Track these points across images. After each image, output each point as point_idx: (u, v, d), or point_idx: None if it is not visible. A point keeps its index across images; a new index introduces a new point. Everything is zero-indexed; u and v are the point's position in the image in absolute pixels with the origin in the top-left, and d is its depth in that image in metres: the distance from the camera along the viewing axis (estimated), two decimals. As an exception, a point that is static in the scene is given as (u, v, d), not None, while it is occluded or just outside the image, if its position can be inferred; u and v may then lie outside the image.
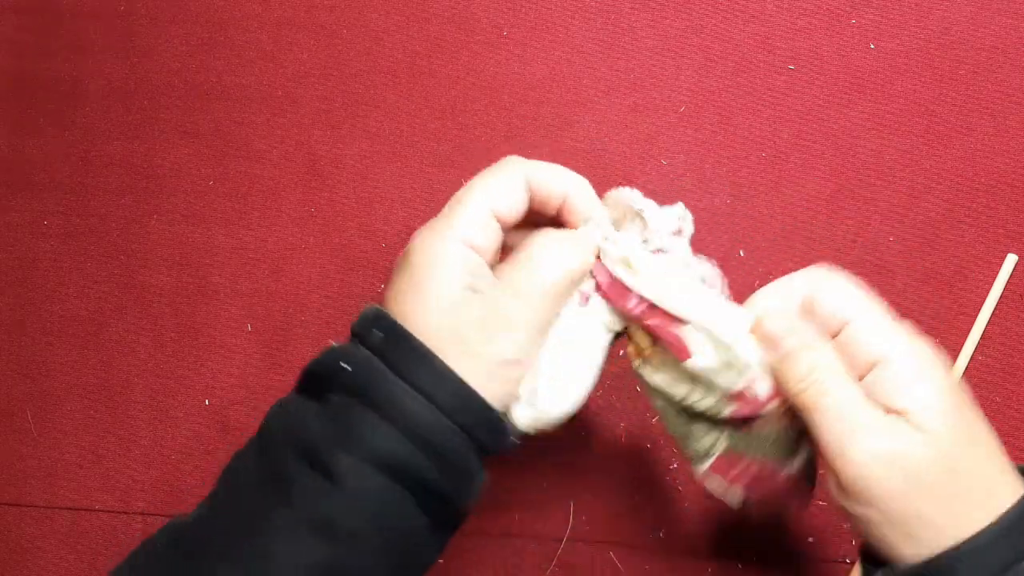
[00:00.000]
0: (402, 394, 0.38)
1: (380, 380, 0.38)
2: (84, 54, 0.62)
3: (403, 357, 0.39)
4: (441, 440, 0.38)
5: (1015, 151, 0.56)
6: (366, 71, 0.60)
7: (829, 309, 0.39)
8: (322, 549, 0.37)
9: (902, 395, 0.37)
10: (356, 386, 0.39)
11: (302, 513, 0.37)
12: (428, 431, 0.38)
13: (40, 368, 0.60)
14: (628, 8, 0.59)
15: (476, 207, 0.41)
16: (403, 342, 0.39)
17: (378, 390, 0.38)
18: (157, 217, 0.60)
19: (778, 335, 0.40)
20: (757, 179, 0.57)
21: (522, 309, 0.40)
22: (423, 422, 0.38)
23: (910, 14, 0.57)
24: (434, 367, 0.38)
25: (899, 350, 0.38)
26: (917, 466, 0.36)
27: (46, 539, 0.58)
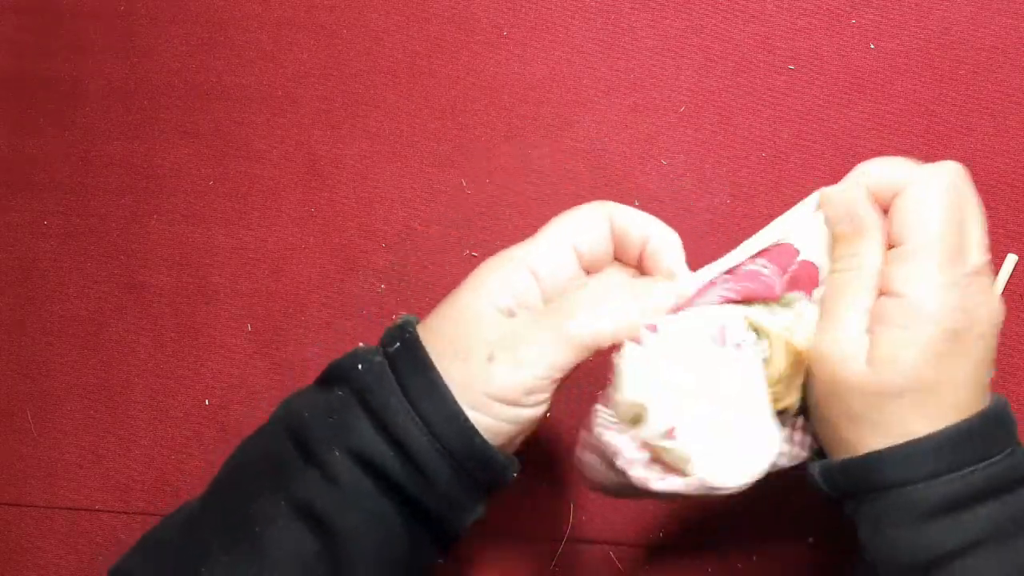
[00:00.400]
0: (401, 412, 0.38)
1: (383, 389, 0.38)
2: (84, 54, 0.62)
3: (411, 372, 0.39)
4: (427, 462, 0.38)
5: (1015, 151, 0.56)
6: (366, 71, 0.60)
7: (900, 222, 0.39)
8: (313, 540, 0.38)
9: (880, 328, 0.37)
10: (360, 390, 0.39)
11: (301, 506, 0.38)
12: (420, 454, 0.38)
13: (40, 368, 0.60)
14: (628, 8, 0.59)
15: (551, 237, 0.41)
16: (415, 357, 0.39)
17: (378, 400, 0.38)
18: (157, 217, 0.60)
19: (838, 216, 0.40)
20: (757, 179, 0.57)
21: (540, 341, 0.38)
22: (416, 445, 0.38)
23: (910, 14, 0.57)
24: (436, 388, 0.38)
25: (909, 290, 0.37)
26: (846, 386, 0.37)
27: (46, 539, 0.58)
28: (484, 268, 0.41)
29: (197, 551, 0.39)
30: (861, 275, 0.39)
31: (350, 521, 0.38)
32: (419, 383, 0.38)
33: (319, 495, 0.38)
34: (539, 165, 0.58)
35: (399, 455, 0.38)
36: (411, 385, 0.38)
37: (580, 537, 0.54)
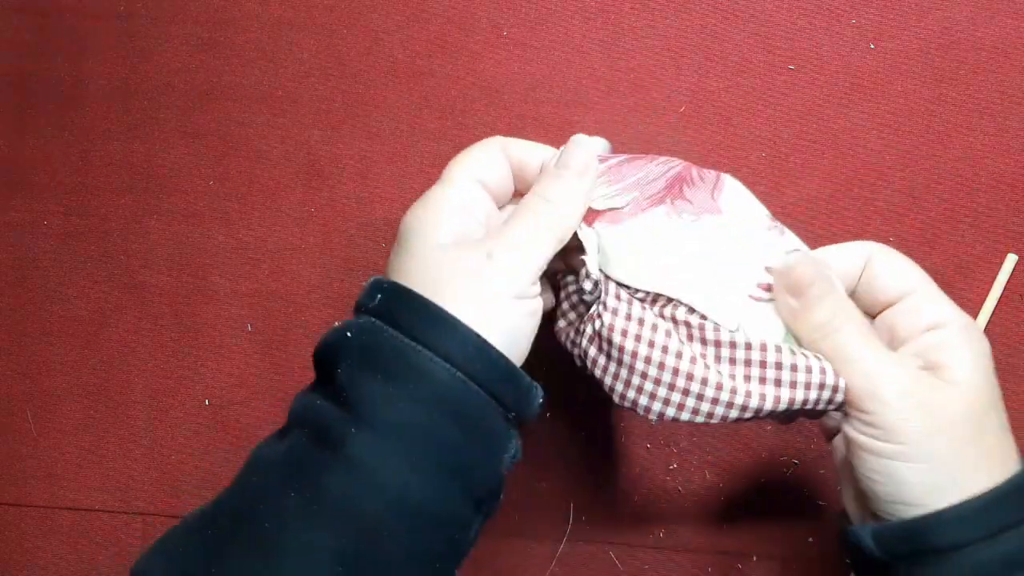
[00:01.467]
0: (411, 353, 0.35)
1: (384, 342, 0.36)
2: (84, 54, 0.62)
3: (405, 312, 0.36)
4: (457, 397, 0.36)
5: (1015, 151, 0.56)
6: (366, 71, 0.60)
7: (890, 279, 0.41)
8: (338, 534, 0.34)
9: (948, 353, 0.39)
10: (360, 354, 0.36)
11: (316, 498, 0.35)
12: (443, 389, 0.35)
13: (40, 368, 0.60)
14: (628, 8, 0.59)
15: (462, 176, 0.41)
16: (402, 297, 0.37)
17: (382, 353, 0.36)
18: (157, 217, 0.60)
19: (804, 281, 0.40)
20: (757, 179, 0.57)
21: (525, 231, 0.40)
22: (437, 381, 0.35)
23: (910, 14, 0.57)
24: (441, 318, 0.36)
25: (951, 318, 0.40)
26: (949, 412, 0.37)
27: (46, 539, 0.58)
28: (414, 212, 0.41)
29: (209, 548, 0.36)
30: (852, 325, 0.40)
31: (376, 504, 0.35)
32: (416, 318, 0.36)
33: (337, 484, 0.35)
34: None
35: (424, 404, 0.35)
36: (410, 323, 0.36)
37: (580, 537, 0.54)
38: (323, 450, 0.35)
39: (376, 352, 0.36)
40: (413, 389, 0.35)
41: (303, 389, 0.40)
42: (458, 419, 0.36)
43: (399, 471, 0.35)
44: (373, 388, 0.35)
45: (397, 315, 0.36)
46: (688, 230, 0.43)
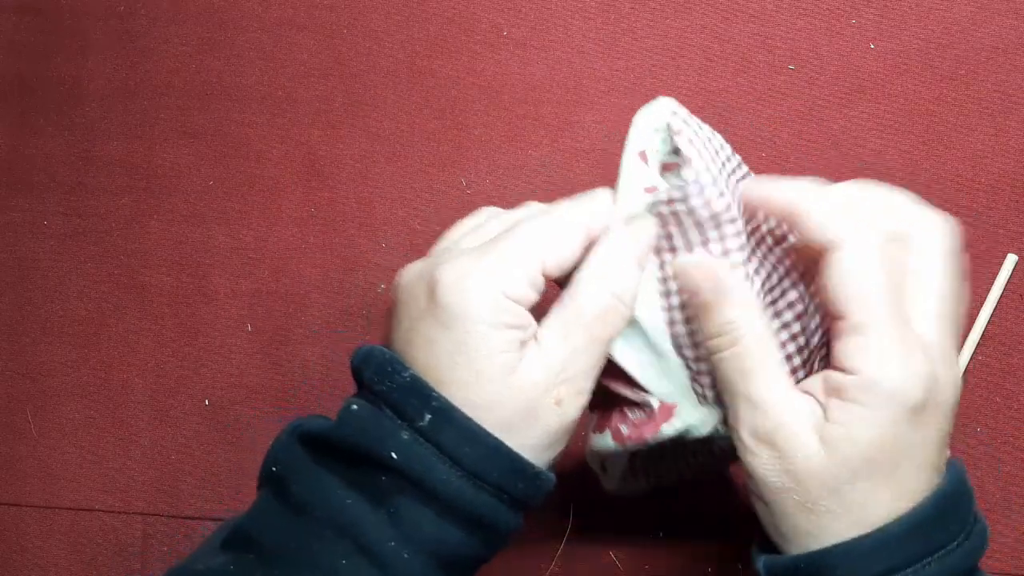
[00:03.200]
0: (458, 483, 0.35)
1: (435, 470, 0.35)
2: (84, 54, 0.62)
3: (456, 440, 0.35)
4: (493, 517, 0.36)
5: (1015, 151, 0.56)
6: (366, 71, 0.60)
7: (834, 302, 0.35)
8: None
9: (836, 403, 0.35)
10: (407, 475, 0.35)
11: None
12: (483, 513, 0.36)
13: (40, 368, 0.60)
14: (628, 8, 0.59)
15: (523, 259, 0.37)
16: (454, 423, 0.36)
17: (432, 480, 0.35)
18: (157, 217, 0.60)
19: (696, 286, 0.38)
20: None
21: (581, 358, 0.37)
22: (479, 506, 0.36)
23: (910, 14, 0.57)
24: (486, 444, 0.36)
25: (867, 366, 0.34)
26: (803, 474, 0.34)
27: (46, 539, 0.58)
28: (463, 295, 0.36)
29: None
30: (756, 346, 0.36)
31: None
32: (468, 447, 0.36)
33: None
34: (539, 165, 0.58)
35: (473, 532, 0.36)
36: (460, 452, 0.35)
37: (580, 537, 0.54)
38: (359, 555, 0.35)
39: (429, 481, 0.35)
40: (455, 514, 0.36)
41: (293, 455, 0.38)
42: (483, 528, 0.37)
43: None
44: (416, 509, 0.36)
45: (445, 440, 0.35)
46: None
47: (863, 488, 0.34)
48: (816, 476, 0.34)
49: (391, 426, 0.36)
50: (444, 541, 0.36)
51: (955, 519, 0.35)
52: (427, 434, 0.35)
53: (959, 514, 0.35)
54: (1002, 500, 0.53)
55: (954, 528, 0.35)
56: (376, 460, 0.36)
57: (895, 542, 0.34)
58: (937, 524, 0.35)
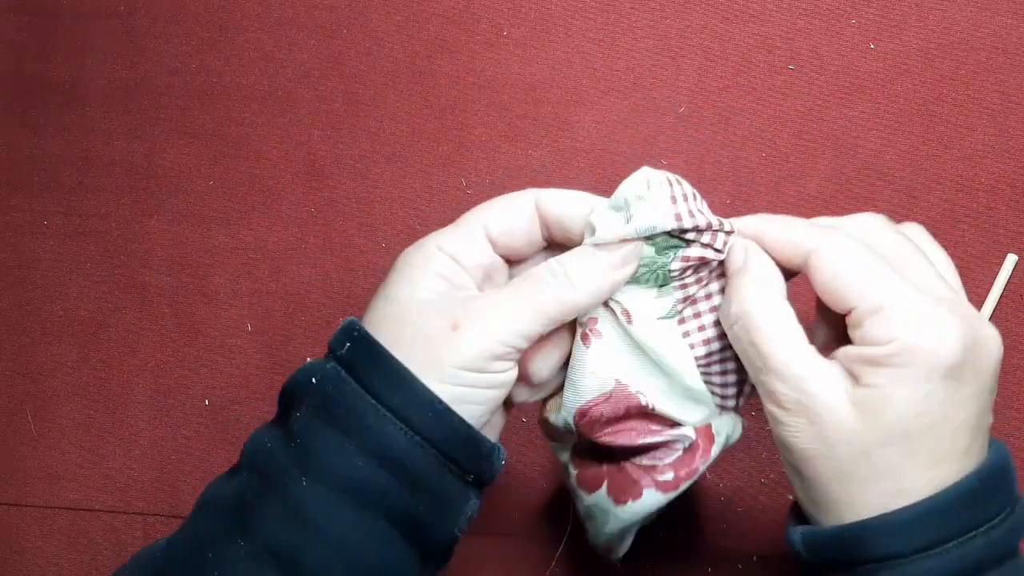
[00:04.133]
0: (370, 412, 0.35)
1: (346, 395, 0.35)
2: (84, 54, 0.62)
3: (371, 368, 0.36)
4: (413, 461, 0.35)
5: (1015, 151, 0.56)
6: (366, 71, 0.60)
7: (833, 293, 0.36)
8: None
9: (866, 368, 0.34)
10: (321, 402, 0.36)
11: (263, 547, 0.35)
12: (399, 452, 0.35)
13: (40, 368, 0.60)
14: (628, 8, 0.59)
15: (467, 224, 0.39)
16: (371, 351, 0.36)
17: (342, 406, 0.35)
18: (157, 217, 0.60)
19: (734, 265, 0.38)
20: (757, 179, 0.57)
21: (510, 309, 0.37)
22: (393, 443, 0.35)
23: (910, 14, 0.57)
24: (405, 380, 0.35)
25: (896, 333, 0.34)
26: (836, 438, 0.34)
27: (46, 539, 0.58)
28: (403, 257, 0.39)
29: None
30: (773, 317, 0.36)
31: (321, 557, 0.35)
32: (381, 376, 0.36)
33: (284, 533, 0.35)
34: (539, 165, 0.58)
35: (379, 463, 0.35)
36: (373, 380, 0.35)
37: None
38: (271, 498, 0.35)
39: (336, 405, 0.35)
40: (368, 448, 0.35)
41: (262, 425, 0.39)
42: (410, 481, 0.36)
43: (344, 525, 0.35)
44: (328, 440, 0.35)
45: (362, 369, 0.36)
46: None
47: (896, 453, 0.34)
48: (848, 441, 0.34)
49: (322, 362, 0.37)
50: (344, 466, 0.35)
51: (1000, 493, 0.35)
52: (344, 361, 0.36)
53: (1003, 488, 0.35)
54: (1002, 500, 0.53)
55: (1000, 501, 0.34)
56: (302, 394, 0.36)
57: (940, 513, 0.33)
58: (983, 497, 0.34)
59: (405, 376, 0.36)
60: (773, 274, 0.38)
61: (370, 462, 0.35)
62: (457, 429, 0.36)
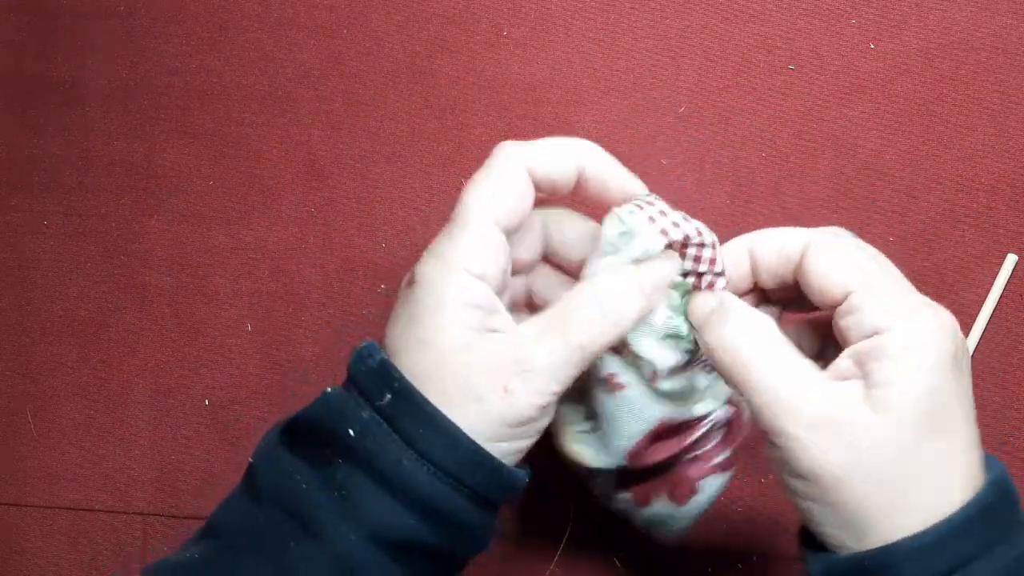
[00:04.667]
0: (411, 465, 0.35)
1: (388, 450, 0.35)
2: (84, 54, 0.62)
3: (413, 422, 0.35)
4: (449, 507, 0.36)
5: (1015, 151, 0.56)
6: (366, 71, 0.60)
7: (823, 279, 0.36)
8: None
9: (884, 367, 0.33)
10: (364, 456, 0.35)
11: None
12: (436, 500, 0.35)
13: (40, 368, 0.60)
14: (628, 8, 0.59)
15: (478, 223, 0.37)
16: (418, 408, 0.36)
17: (384, 460, 0.35)
18: (157, 217, 0.60)
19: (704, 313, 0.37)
20: (757, 179, 0.57)
21: (550, 359, 0.36)
22: (432, 493, 0.35)
23: (910, 14, 0.57)
24: (458, 441, 0.35)
25: (893, 321, 0.34)
26: (867, 443, 0.33)
27: (46, 539, 0.58)
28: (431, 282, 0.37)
29: None
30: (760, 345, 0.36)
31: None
32: (431, 434, 0.35)
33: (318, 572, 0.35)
34: (539, 165, 0.58)
35: (424, 516, 0.35)
36: (422, 439, 0.35)
37: (580, 538, 0.54)
38: (311, 544, 0.35)
39: (381, 460, 0.35)
40: (415, 504, 0.35)
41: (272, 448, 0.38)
42: (455, 528, 0.36)
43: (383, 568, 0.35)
44: (373, 495, 0.35)
45: (407, 424, 0.36)
46: None
47: (928, 447, 0.33)
48: (879, 444, 0.33)
49: (354, 406, 0.36)
50: (393, 525, 0.35)
51: (1012, 498, 0.34)
52: (385, 413, 0.36)
53: (1012, 494, 0.34)
54: (1002, 500, 0.53)
55: (1015, 508, 0.34)
56: (337, 440, 0.36)
57: (966, 528, 0.32)
58: (1001, 506, 0.33)
59: (458, 437, 0.36)
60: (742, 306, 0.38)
61: (410, 513, 0.35)
62: (505, 480, 0.37)
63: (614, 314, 0.37)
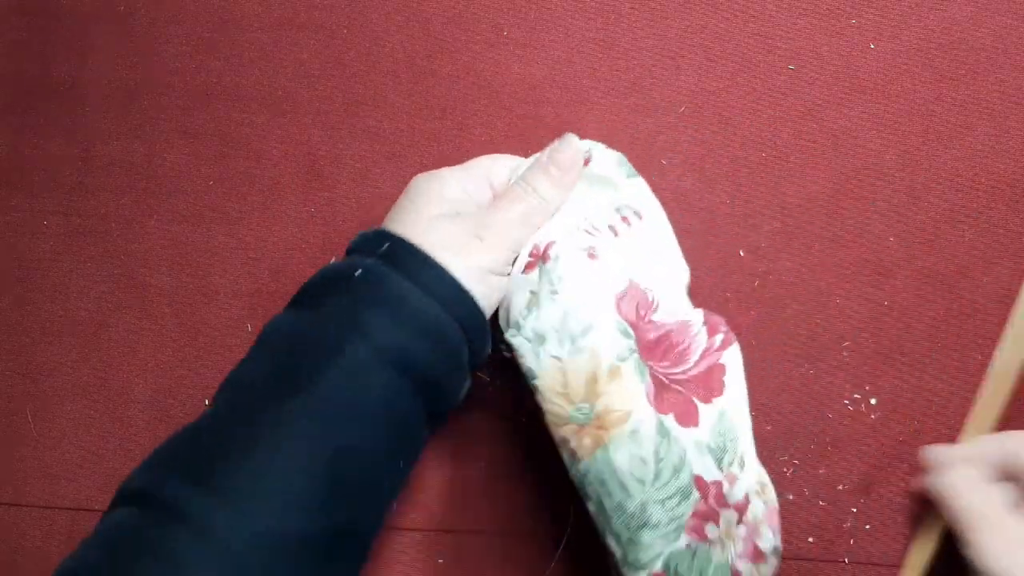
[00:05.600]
0: (409, 292, 0.43)
1: (390, 281, 0.43)
2: (84, 54, 0.62)
3: (408, 261, 0.44)
4: (440, 329, 0.43)
5: (1015, 151, 0.56)
6: (366, 71, 0.60)
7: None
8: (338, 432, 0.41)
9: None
10: (364, 288, 0.43)
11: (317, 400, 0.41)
12: (431, 322, 0.43)
13: (40, 368, 0.60)
14: (628, 8, 0.59)
15: (477, 168, 0.50)
16: (407, 250, 0.45)
17: (387, 289, 0.43)
18: (157, 217, 0.60)
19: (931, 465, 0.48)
20: (757, 179, 0.57)
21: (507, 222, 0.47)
22: (427, 315, 0.43)
23: (910, 14, 0.57)
24: (435, 269, 0.44)
25: None
26: None
27: (46, 539, 0.58)
28: (423, 182, 0.49)
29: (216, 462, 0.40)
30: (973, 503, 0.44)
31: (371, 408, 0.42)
32: (422, 268, 0.44)
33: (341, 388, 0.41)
34: (539, 165, 0.58)
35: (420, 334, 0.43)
36: (414, 271, 0.44)
37: (580, 538, 0.54)
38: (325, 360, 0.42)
39: (386, 291, 0.43)
40: (411, 322, 0.43)
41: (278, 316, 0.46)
42: (442, 350, 0.44)
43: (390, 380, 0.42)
44: (374, 313, 0.43)
45: (402, 262, 0.44)
46: None
47: None
48: None
49: (357, 258, 0.45)
50: (397, 342, 0.42)
51: None
52: (385, 256, 0.45)
53: None
54: (1002, 500, 0.53)
55: None
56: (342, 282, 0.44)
57: None
58: None
59: (437, 266, 0.44)
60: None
61: (411, 332, 0.43)
62: (474, 310, 0.45)
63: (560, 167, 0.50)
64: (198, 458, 0.40)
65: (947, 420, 0.53)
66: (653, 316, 0.48)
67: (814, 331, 0.55)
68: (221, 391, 0.44)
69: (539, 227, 0.49)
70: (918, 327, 0.54)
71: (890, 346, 0.54)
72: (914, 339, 0.54)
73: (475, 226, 0.47)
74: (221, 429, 0.41)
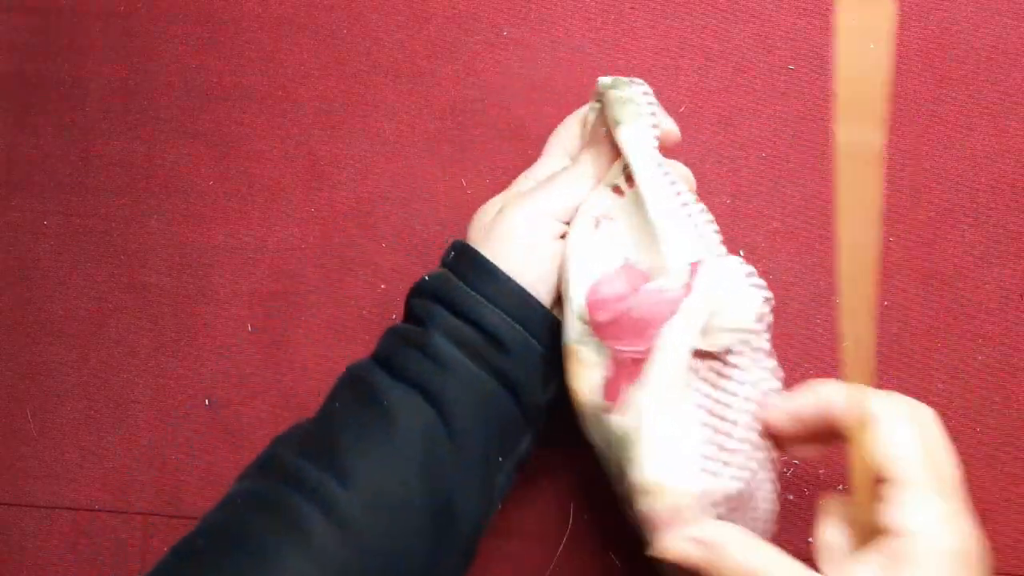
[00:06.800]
0: (471, 300, 0.44)
1: (450, 288, 0.45)
2: (84, 54, 0.62)
3: (470, 271, 0.45)
4: (506, 336, 0.44)
5: (1015, 152, 0.56)
6: (366, 71, 0.60)
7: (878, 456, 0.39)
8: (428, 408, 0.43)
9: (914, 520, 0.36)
10: (431, 293, 0.46)
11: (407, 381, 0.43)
12: (494, 328, 0.44)
13: (40, 368, 0.60)
14: (628, 8, 0.59)
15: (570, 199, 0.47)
16: (469, 259, 0.46)
17: (448, 295, 0.45)
18: (157, 217, 0.60)
19: None
20: (757, 179, 0.57)
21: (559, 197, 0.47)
22: (489, 322, 0.44)
23: (910, 15, 0.57)
24: (498, 278, 0.45)
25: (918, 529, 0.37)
26: None
27: (46, 539, 0.58)
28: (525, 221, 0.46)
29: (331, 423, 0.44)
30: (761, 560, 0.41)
31: (453, 390, 0.43)
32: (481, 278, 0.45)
33: (424, 371, 0.43)
34: (539, 165, 0.58)
35: (483, 335, 0.44)
36: (474, 281, 0.45)
37: (580, 538, 0.54)
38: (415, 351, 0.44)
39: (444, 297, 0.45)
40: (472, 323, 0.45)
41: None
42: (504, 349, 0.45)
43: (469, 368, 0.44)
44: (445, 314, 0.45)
45: (463, 273, 0.46)
46: None
47: None
48: None
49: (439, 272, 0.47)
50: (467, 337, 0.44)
51: None
52: (450, 266, 0.46)
53: None
54: (1002, 500, 0.53)
55: None
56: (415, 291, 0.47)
57: None
58: None
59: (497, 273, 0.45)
60: None
61: (476, 334, 0.44)
62: (539, 310, 0.46)
63: None
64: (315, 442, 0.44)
65: (947, 420, 0.53)
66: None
67: (814, 331, 0.55)
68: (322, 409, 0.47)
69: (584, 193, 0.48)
70: (918, 327, 0.54)
71: (890, 346, 0.54)
72: (914, 339, 0.54)
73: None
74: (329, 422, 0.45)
